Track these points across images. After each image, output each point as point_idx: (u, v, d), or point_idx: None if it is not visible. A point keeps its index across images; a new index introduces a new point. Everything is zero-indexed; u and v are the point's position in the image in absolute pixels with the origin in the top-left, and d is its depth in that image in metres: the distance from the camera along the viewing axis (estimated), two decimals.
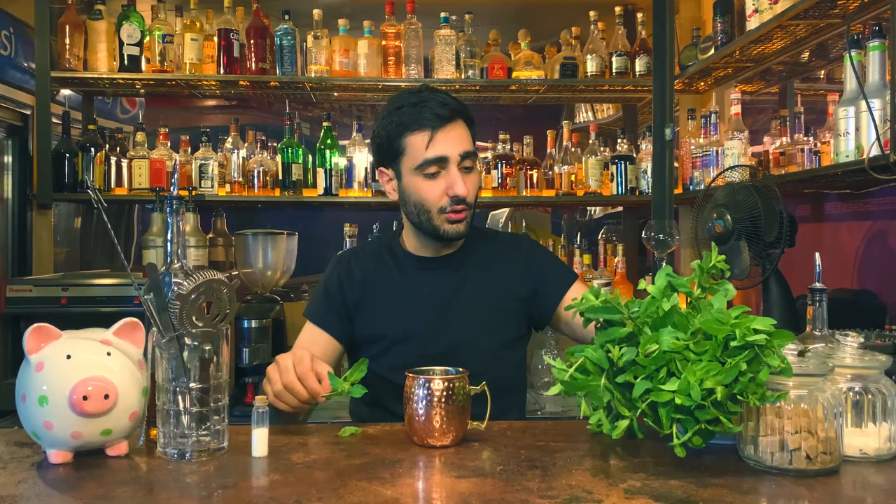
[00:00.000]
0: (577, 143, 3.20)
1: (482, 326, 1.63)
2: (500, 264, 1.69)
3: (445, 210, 1.56)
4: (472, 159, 1.59)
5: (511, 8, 3.47)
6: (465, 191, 1.55)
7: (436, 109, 1.55)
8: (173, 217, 1.20)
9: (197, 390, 1.13)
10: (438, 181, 1.56)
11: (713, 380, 1.02)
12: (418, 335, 1.61)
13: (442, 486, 1.02)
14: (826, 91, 2.72)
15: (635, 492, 0.97)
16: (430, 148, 1.54)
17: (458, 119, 1.58)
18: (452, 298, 1.64)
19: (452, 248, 1.68)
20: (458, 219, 1.57)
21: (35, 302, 2.42)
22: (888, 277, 2.27)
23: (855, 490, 1.01)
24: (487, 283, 1.66)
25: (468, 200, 1.57)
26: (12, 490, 0.99)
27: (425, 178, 1.56)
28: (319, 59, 3.01)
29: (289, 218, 3.72)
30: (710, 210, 2.16)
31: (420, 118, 1.55)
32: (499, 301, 1.65)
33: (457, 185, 1.54)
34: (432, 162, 1.55)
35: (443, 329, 1.61)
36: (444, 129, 1.55)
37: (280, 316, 2.75)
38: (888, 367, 1.12)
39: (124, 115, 3.87)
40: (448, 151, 1.55)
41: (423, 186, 1.57)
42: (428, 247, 1.66)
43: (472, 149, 1.59)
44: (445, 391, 1.18)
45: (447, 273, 1.66)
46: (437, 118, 1.54)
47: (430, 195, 1.56)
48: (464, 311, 1.63)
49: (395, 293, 1.65)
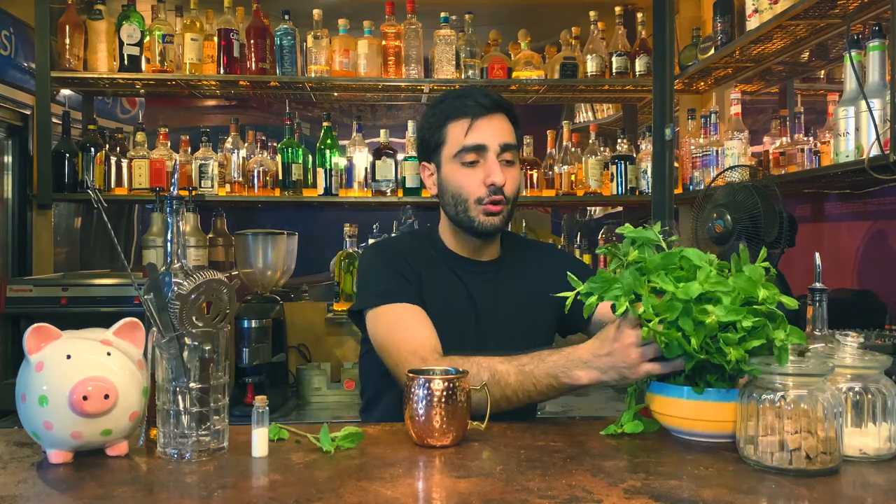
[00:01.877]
0: (577, 143, 3.20)
1: (518, 333, 1.60)
2: (535, 273, 1.67)
3: (483, 201, 1.55)
4: (514, 153, 1.58)
5: (511, 8, 3.47)
6: (503, 179, 1.54)
7: (478, 99, 1.56)
8: (173, 217, 1.20)
9: (197, 390, 1.13)
10: (476, 170, 1.56)
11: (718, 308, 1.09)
12: (463, 335, 1.56)
13: (442, 486, 1.02)
14: (826, 91, 2.72)
15: (635, 492, 0.97)
16: (469, 135, 1.55)
17: (501, 112, 1.58)
18: (495, 303, 1.62)
19: (491, 253, 1.66)
20: (494, 211, 1.55)
21: (35, 302, 2.42)
22: (888, 277, 2.27)
23: (855, 490, 1.01)
24: (524, 292, 1.64)
25: (507, 193, 1.56)
26: (12, 490, 0.99)
27: (463, 166, 1.56)
28: (319, 59, 3.01)
29: (289, 218, 3.72)
30: (710, 210, 2.16)
31: (461, 106, 1.56)
32: (534, 309, 1.64)
33: (494, 173, 1.53)
34: (471, 149, 1.55)
35: (484, 333, 1.59)
36: (484, 118, 1.56)
37: (280, 316, 2.75)
38: (888, 367, 1.12)
39: (124, 115, 3.87)
40: (487, 140, 1.55)
41: (461, 175, 1.56)
42: (466, 245, 1.64)
43: (513, 142, 1.58)
44: (445, 391, 1.18)
45: (488, 278, 1.64)
46: (479, 107, 1.55)
47: (467, 184, 1.56)
48: (503, 317, 1.61)
49: (445, 287, 1.61)
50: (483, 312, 1.60)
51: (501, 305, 1.62)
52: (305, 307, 3.01)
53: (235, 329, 2.57)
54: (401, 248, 1.64)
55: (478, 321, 1.60)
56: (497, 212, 1.55)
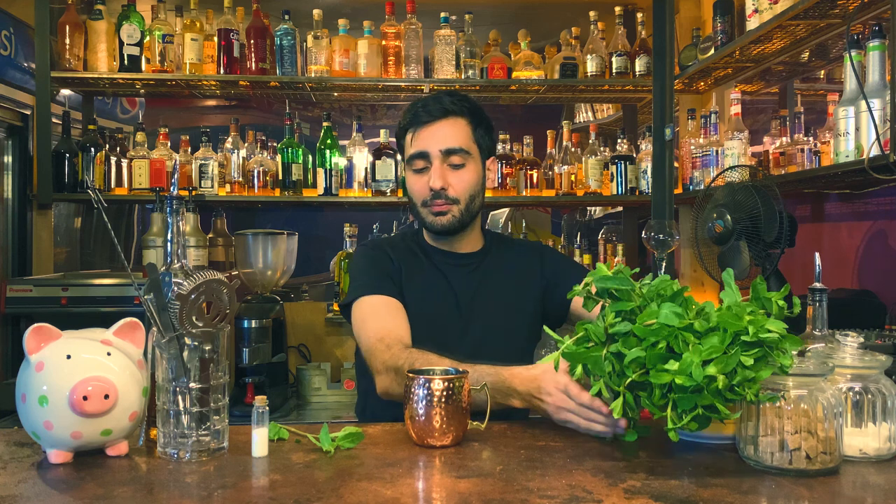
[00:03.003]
0: (577, 143, 3.20)
1: (500, 323, 1.66)
2: (517, 267, 1.73)
3: (427, 203, 1.64)
4: (462, 156, 1.64)
5: (511, 8, 3.47)
6: (441, 184, 1.61)
7: (429, 107, 1.65)
8: (173, 217, 1.20)
9: (197, 390, 1.13)
10: (424, 176, 1.65)
11: (716, 366, 1.02)
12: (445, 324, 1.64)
13: (442, 486, 1.02)
14: (826, 91, 2.72)
15: (635, 492, 0.97)
16: (413, 143, 1.66)
17: (453, 117, 1.65)
18: (476, 293, 1.68)
19: (471, 246, 1.73)
20: (439, 211, 1.64)
21: (35, 302, 2.42)
22: (888, 277, 2.27)
23: (855, 490, 1.01)
24: (505, 285, 1.70)
25: (451, 195, 1.63)
26: (12, 490, 0.99)
27: (413, 172, 1.67)
28: (319, 59, 3.01)
29: (289, 218, 3.72)
30: (710, 210, 2.16)
31: (412, 116, 1.67)
32: (515, 303, 1.69)
33: (433, 178, 1.62)
34: (415, 157, 1.65)
35: (465, 322, 1.65)
36: (429, 127, 1.64)
37: (280, 316, 2.75)
38: (888, 367, 1.12)
39: (124, 115, 3.87)
40: (428, 147, 1.64)
41: (411, 180, 1.68)
42: (437, 240, 1.72)
43: (458, 146, 1.64)
44: (445, 391, 1.18)
45: (470, 269, 1.71)
46: (426, 114, 1.64)
47: (415, 188, 1.67)
48: (484, 307, 1.67)
49: (426, 280, 1.69)
50: (464, 302, 1.67)
51: (482, 295, 1.68)
52: (305, 307, 3.01)
53: (235, 329, 2.57)
54: (384, 245, 1.74)
55: (459, 310, 1.66)
56: (443, 212, 1.64)
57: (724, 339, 1.03)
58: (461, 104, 1.66)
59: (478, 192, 1.68)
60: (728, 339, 1.04)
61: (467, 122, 1.66)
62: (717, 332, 1.04)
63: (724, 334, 1.04)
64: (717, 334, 1.04)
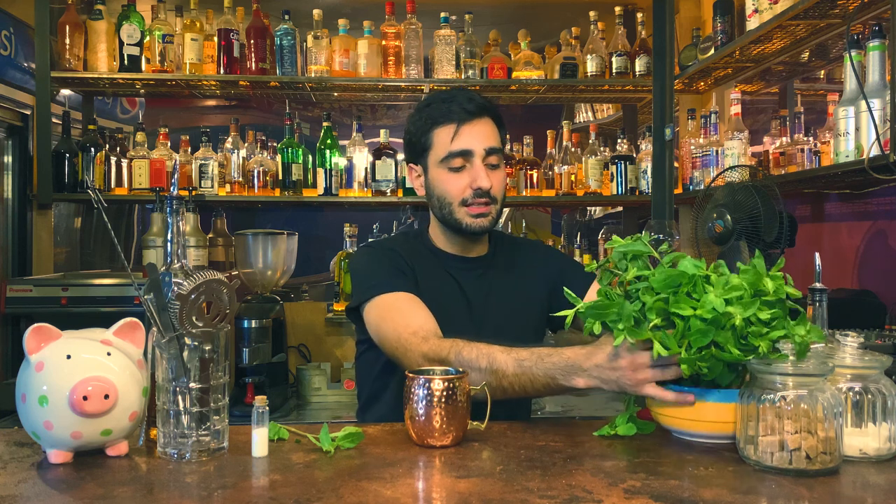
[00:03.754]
0: (577, 143, 3.20)
1: (509, 330, 1.61)
2: (524, 269, 1.71)
3: (468, 202, 1.58)
4: (499, 156, 1.61)
5: (511, 8, 3.47)
6: (489, 183, 1.57)
7: (463, 104, 1.58)
8: (173, 217, 1.20)
9: (197, 390, 1.13)
10: (463, 175, 1.58)
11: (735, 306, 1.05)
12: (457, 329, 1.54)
13: (442, 486, 1.02)
14: (826, 91, 2.72)
15: (635, 492, 0.97)
16: (455, 140, 1.58)
17: (486, 116, 1.60)
18: (486, 298, 1.65)
19: (480, 250, 1.69)
20: (480, 212, 1.58)
21: (35, 302, 2.42)
22: (888, 277, 2.27)
23: (855, 490, 1.01)
24: (513, 288, 1.68)
25: (493, 194, 1.59)
26: (12, 490, 0.99)
27: (450, 171, 1.59)
28: (319, 59, 3.01)
29: (289, 218, 3.72)
30: (710, 210, 2.16)
31: (447, 112, 1.58)
32: (523, 305, 1.67)
33: (480, 177, 1.56)
34: (457, 154, 1.58)
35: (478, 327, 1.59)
36: (469, 123, 1.58)
37: (280, 316, 2.75)
38: (888, 367, 1.12)
39: (124, 115, 3.87)
40: (472, 145, 1.58)
41: (448, 179, 1.59)
42: (455, 244, 1.67)
43: (498, 145, 1.61)
44: (445, 391, 1.18)
45: (478, 274, 1.67)
46: (464, 112, 1.58)
47: (453, 188, 1.59)
48: (495, 312, 1.64)
49: (438, 283, 1.63)
50: (476, 307, 1.63)
51: (493, 300, 1.65)
52: (305, 307, 3.01)
53: (235, 329, 2.57)
54: (393, 246, 1.67)
55: (471, 316, 1.62)
56: (485, 213, 1.59)
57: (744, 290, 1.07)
58: (490, 103, 1.62)
59: (506, 193, 1.67)
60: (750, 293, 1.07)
61: (495, 121, 1.63)
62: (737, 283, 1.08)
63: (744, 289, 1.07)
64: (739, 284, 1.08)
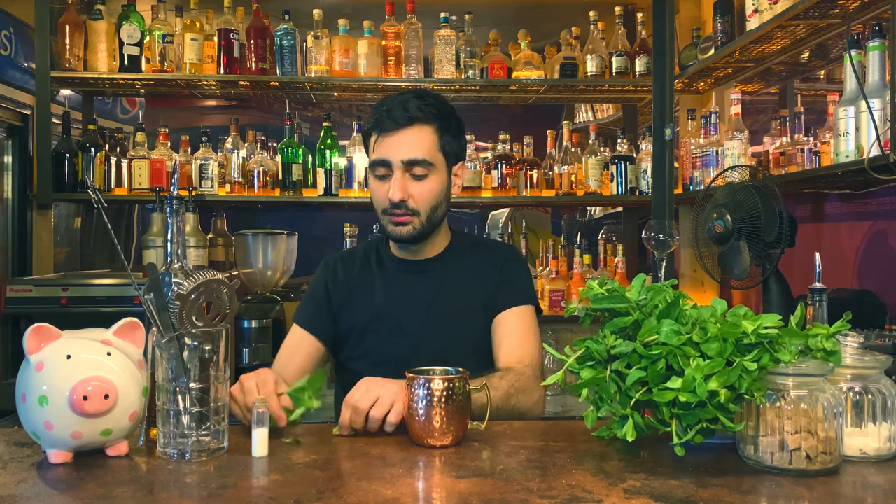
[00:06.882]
0: (577, 143, 3.20)
1: (462, 330, 1.64)
2: (477, 268, 1.70)
3: (387, 212, 1.61)
4: (425, 167, 1.58)
5: (511, 8, 3.47)
6: (400, 196, 1.56)
7: (395, 113, 1.57)
8: (173, 217, 1.20)
9: (197, 390, 1.13)
10: (385, 183, 1.60)
11: (718, 380, 1.02)
12: (398, 335, 1.64)
13: (442, 486, 1.02)
14: (826, 91, 2.72)
15: (635, 492, 0.97)
16: (376, 150, 1.60)
17: (418, 125, 1.58)
18: (434, 299, 1.66)
19: (430, 251, 1.70)
20: (398, 221, 1.60)
21: (35, 302, 2.42)
22: (888, 277, 2.27)
23: (855, 490, 1.01)
24: (463, 288, 1.67)
25: (412, 206, 1.58)
26: (12, 490, 0.99)
27: (376, 178, 1.62)
28: (319, 59, 3.01)
29: (289, 218, 3.72)
30: (710, 210, 2.16)
31: (377, 120, 1.60)
32: (474, 305, 1.66)
33: (392, 190, 1.57)
34: (377, 164, 1.60)
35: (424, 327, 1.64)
36: (394, 134, 1.57)
37: (280, 316, 2.75)
38: (888, 367, 1.12)
39: (124, 115, 3.87)
40: (390, 156, 1.58)
41: (376, 187, 1.63)
42: (399, 247, 1.70)
43: (421, 157, 1.57)
44: (445, 391, 1.18)
45: (428, 275, 1.68)
46: (391, 122, 1.57)
47: (378, 196, 1.62)
48: (441, 312, 1.65)
49: (378, 294, 1.68)
50: (421, 309, 1.65)
51: (439, 301, 1.66)
52: None
53: (235, 329, 2.57)
54: (338, 264, 1.74)
55: (417, 317, 1.64)
56: (402, 223, 1.60)
57: (724, 349, 1.04)
58: (428, 109, 1.58)
59: (441, 201, 1.63)
60: (729, 349, 1.04)
61: (434, 128, 1.59)
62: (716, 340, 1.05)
63: (724, 344, 1.05)
64: (717, 343, 1.05)
